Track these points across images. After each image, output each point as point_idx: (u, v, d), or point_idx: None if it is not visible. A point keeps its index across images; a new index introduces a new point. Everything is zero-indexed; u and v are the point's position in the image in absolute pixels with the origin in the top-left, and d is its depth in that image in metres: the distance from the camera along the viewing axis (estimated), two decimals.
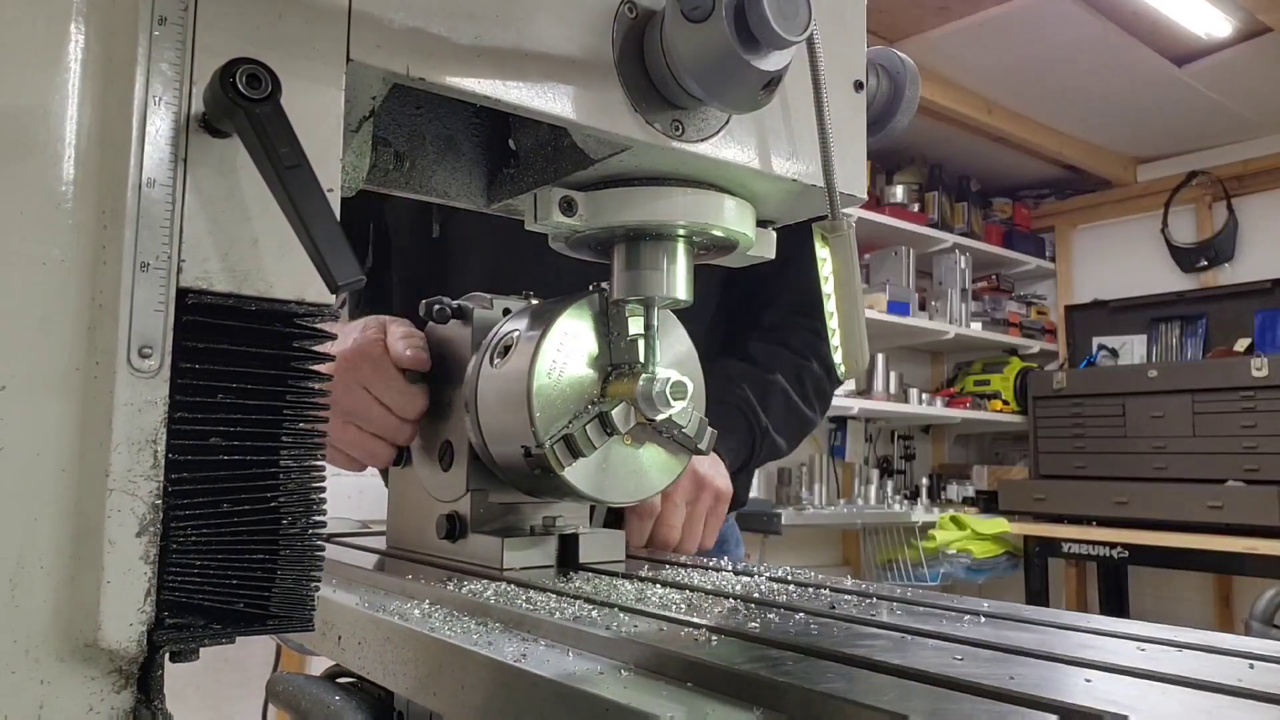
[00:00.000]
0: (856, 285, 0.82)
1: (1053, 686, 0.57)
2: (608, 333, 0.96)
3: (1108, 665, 0.63)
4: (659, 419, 0.92)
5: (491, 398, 0.99)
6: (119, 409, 0.51)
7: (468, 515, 1.05)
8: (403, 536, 1.17)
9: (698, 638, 0.70)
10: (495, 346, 1.01)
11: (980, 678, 0.57)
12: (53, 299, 0.51)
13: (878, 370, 5.02)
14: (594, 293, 0.97)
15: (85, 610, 0.50)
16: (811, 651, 0.66)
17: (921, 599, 0.88)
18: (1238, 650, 0.69)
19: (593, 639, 0.70)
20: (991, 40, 4.11)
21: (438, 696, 0.72)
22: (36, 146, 0.51)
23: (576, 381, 0.95)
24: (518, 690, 0.64)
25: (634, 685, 0.61)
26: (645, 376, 0.91)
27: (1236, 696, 0.57)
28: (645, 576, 0.98)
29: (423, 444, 1.13)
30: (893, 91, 0.87)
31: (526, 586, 0.91)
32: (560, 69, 0.69)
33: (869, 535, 5.04)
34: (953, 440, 6.09)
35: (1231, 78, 4.46)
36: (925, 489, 5.45)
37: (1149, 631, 0.76)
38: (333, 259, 0.51)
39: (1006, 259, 5.69)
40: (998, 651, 0.67)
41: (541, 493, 1.04)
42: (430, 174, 0.89)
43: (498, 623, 0.79)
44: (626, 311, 0.95)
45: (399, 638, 0.78)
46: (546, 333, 0.93)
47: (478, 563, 1.03)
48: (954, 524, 4.81)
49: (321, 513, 0.57)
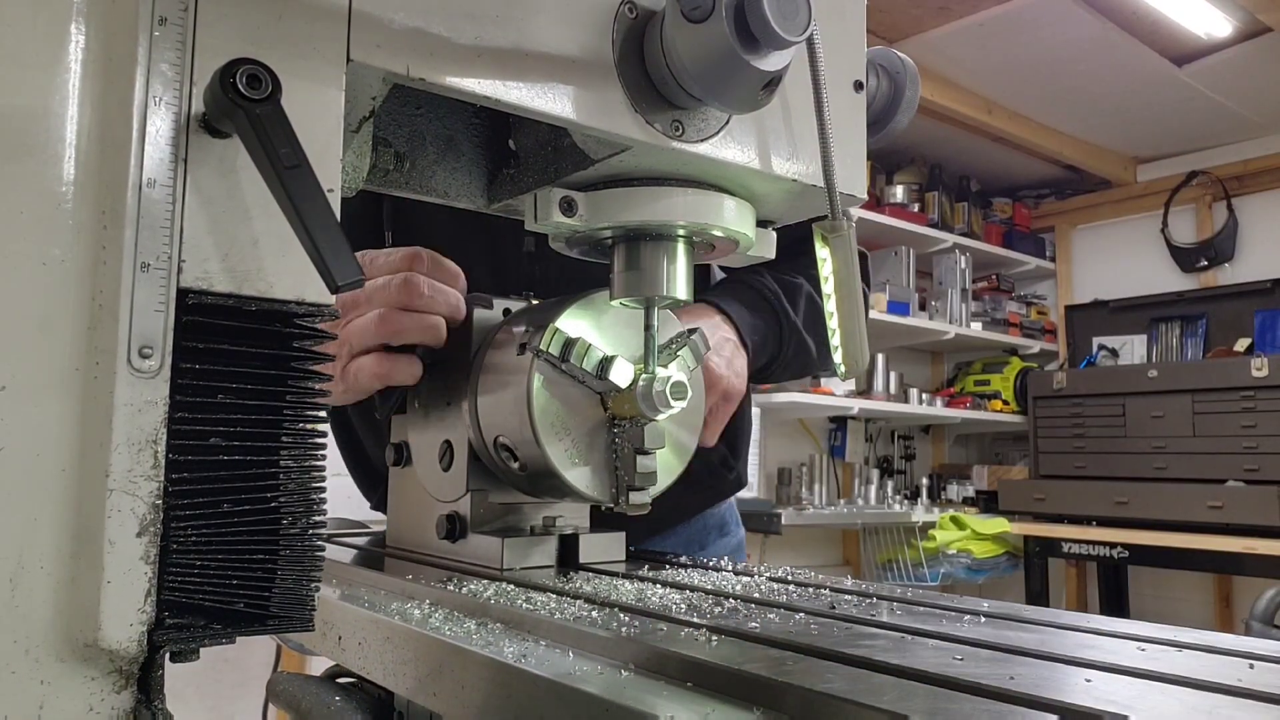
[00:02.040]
0: (857, 285, 0.82)
1: (1052, 686, 0.57)
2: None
3: (1108, 665, 0.63)
4: (662, 416, 0.92)
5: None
6: (119, 409, 0.51)
7: (468, 515, 1.05)
8: (403, 536, 1.17)
9: (698, 638, 0.70)
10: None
11: (980, 677, 0.58)
12: (53, 299, 0.51)
13: (878, 370, 5.03)
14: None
15: (85, 610, 0.50)
16: (811, 651, 0.66)
17: (921, 599, 0.88)
18: (1238, 650, 0.69)
19: (593, 639, 0.70)
20: (991, 40, 4.11)
21: (438, 696, 0.72)
22: (36, 146, 0.51)
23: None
24: (517, 690, 0.64)
25: (634, 685, 0.61)
26: (645, 376, 0.91)
27: (1236, 696, 0.57)
28: (645, 576, 0.98)
29: (423, 443, 1.13)
30: (893, 91, 0.87)
31: (526, 586, 0.91)
32: (560, 69, 0.69)
33: (869, 535, 5.05)
34: (953, 440, 6.09)
35: (1231, 78, 4.46)
36: (925, 489, 5.45)
37: (1149, 631, 0.76)
38: (333, 259, 0.51)
39: (1006, 259, 5.69)
40: (997, 651, 0.67)
41: (541, 493, 1.04)
42: (430, 174, 0.89)
43: (498, 623, 0.79)
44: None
45: (399, 638, 0.78)
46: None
47: (478, 563, 1.03)
48: (954, 524, 4.81)
49: (322, 513, 0.57)
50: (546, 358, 0.92)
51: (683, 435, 1.02)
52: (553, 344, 0.91)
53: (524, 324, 0.99)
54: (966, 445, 6.16)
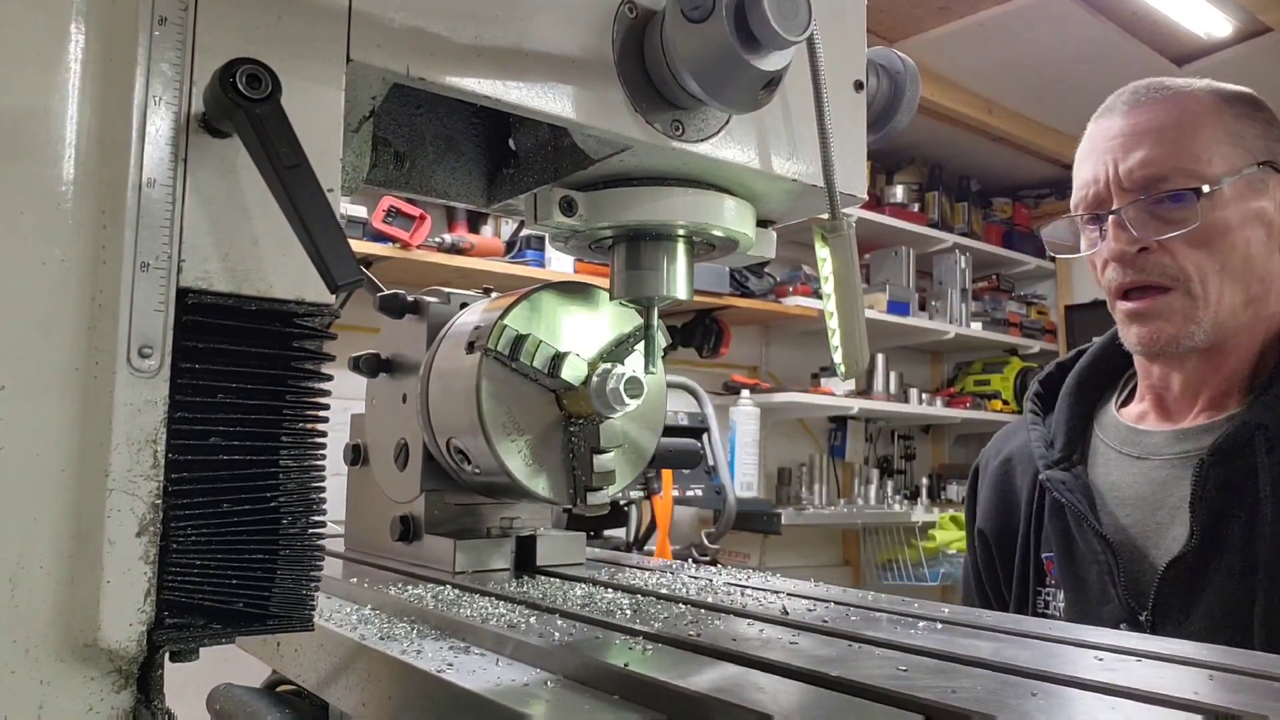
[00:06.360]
0: (856, 285, 0.82)
1: (994, 703, 0.53)
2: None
3: (1060, 677, 0.59)
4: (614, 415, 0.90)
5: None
6: (119, 409, 0.51)
7: (422, 517, 1.02)
8: (359, 539, 1.14)
9: (633, 646, 0.67)
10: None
11: (918, 690, 0.54)
12: (53, 299, 0.51)
13: (878, 370, 5.02)
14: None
15: (85, 610, 0.50)
16: (748, 662, 0.63)
17: (877, 603, 0.85)
18: (1199, 660, 0.66)
19: (525, 648, 0.68)
20: (991, 40, 4.11)
21: (366, 707, 0.70)
22: (36, 146, 0.51)
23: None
24: (440, 702, 0.62)
25: (556, 699, 0.59)
26: (599, 372, 0.89)
27: (1188, 711, 0.53)
28: (600, 580, 0.94)
29: (379, 443, 1.09)
30: (893, 91, 0.87)
31: (472, 591, 0.88)
32: (560, 69, 0.68)
33: (869, 535, 5.04)
34: (953, 440, 6.09)
35: (1231, 78, 4.45)
36: (925, 489, 5.44)
37: (1112, 640, 0.72)
38: (332, 259, 0.51)
39: (1006, 259, 5.69)
40: (946, 661, 0.64)
41: (498, 494, 1.01)
42: (430, 174, 0.89)
43: (433, 629, 0.76)
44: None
45: (331, 645, 0.75)
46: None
47: (431, 566, 0.99)
48: (954, 524, 4.80)
49: (321, 512, 0.57)
50: (495, 356, 0.89)
51: (642, 433, 0.99)
52: (501, 341, 0.89)
53: (476, 320, 0.96)
54: (967, 445, 6.15)
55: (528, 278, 3.27)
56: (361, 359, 1.09)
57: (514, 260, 3.38)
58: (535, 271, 3.34)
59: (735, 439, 4.02)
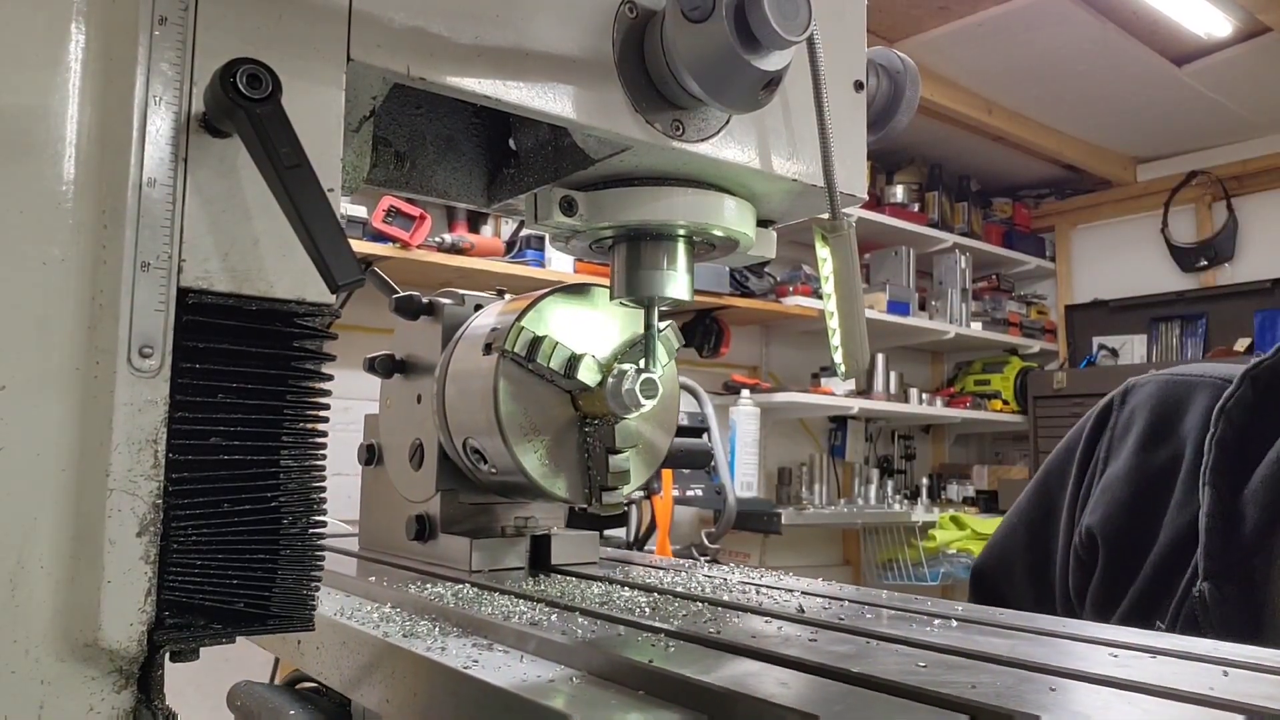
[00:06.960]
0: (857, 285, 0.82)
1: (1014, 696, 0.54)
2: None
3: (1076, 673, 0.60)
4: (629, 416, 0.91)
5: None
6: (119, 409, 0.51)
7: (437, 516, 1.03)
8: (374, 538, 1.15)
9: (655, 643, 0.68)
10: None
11: (939, 686, 0.55)
12: (52, 298, 0.51)
13: (878, 370, 5.02)
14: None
15: (85, 610, 0.50)
16: (770, 658, 0.63)
17: (891, 602, 0.86)
18: (1213, 656, 0.66)
19: (549, 645, 0.68)
20: (991, 40, 4.11)
21: (391, 703, 0.70)
22: (36, 146, 0.51)
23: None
24: (465, 698, 0.63)
25: (581, 695, 0.59)
26: (615, 374, 0.90)
27: (1204, 706, 0.54)
28: (615, 579, 0.95)
29: (394, 442, 1.10)
30: (893, 91, 0.87)
31: (490, 589, 0.89)
32: (560, 69, 0.69)
33: (869, 535, 5.04)
34: (953, 440, 6.09)
35: (1231, 78, 4.46)
36: (925, 489, 5.45)
37: (1125, 637, 0.73)
38: (333, 259, 0.51)
39: (1006, 259, 5.69)
40: (964, 658, 0.64)
41: (513, 494, 1.02)
42: (430, 174, 0.89)
43: (455, 627, 0.77)
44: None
45: (354, 642, 0.76)
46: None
47: (447, 564, 1.00)
48: (954, 524, 4.80)
49: (322, 512, 0.57)
50: (512, 357, 0.90)
51: (656, 434, 1.00)
52: (518, 343, 0.89)
53: (492, 322, 0.96)
54: (966, 445, 6.16)
55: (528, 277, 3.27)
56: (376, 360, 1.09)
57: (514, 260, 3.38)
58: (535, 271, 3.34)
59: (735, 439, 4.02)
